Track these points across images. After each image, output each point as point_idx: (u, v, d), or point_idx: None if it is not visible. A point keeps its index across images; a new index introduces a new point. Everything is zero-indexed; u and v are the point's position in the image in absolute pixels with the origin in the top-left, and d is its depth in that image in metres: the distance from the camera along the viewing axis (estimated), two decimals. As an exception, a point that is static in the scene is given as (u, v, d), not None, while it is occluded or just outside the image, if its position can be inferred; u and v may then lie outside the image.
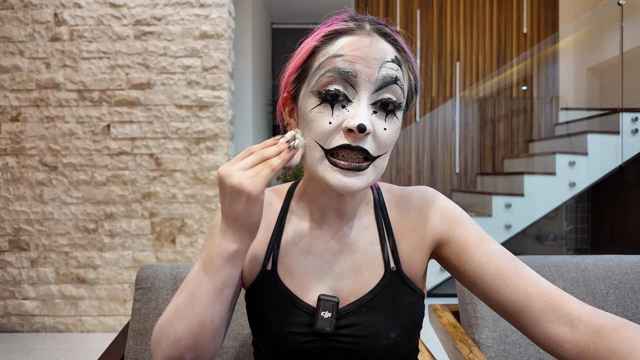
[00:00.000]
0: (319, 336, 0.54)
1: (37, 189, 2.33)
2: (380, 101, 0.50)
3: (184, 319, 0.49)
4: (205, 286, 0.49)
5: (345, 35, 0.50)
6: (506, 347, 0.88)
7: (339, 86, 0.49)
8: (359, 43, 0.49)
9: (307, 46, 0.52)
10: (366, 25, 0.51)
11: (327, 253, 0.58)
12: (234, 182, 0.46)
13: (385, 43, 0.51)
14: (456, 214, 0.58)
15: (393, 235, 0.59)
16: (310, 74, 0.52)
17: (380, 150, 0.51)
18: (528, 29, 3.86)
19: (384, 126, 0.50)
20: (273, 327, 0.55)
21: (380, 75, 0.49)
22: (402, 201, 0.61)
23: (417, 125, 3.84)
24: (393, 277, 0.57)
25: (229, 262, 0.49)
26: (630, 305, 0.90)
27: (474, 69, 3.85)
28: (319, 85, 0.49)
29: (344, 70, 0.48)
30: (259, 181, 0.46)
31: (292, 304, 0.56)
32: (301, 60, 0.52)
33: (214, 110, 2.35)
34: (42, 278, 2.33)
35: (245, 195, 0.46)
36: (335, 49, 0.49)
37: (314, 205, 0.59)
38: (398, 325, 0.55)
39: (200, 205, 2.35)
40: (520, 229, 3.03)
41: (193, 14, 2.34)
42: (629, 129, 2.94)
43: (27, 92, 2.32)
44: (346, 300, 0.56)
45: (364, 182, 0.50)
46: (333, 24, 0.52)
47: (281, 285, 0.57)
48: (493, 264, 0.53)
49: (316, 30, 0.53)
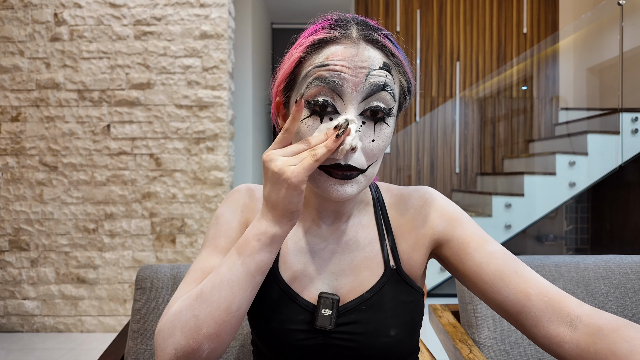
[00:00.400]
0: (319, 333, 0.55)
1: (37, 189, 2.33)
2: (369, 109, 0.50)
3: (209, 304, 0.47)
4: (238, 269, 0.48)
5: (330, 44, 0.49)
6: (506, 347, 0.88)
7: (327, 97, 0.49)
8: (345, 52, 0.48)
9: (293, 56, 0.52)
10: (352, 32, 0.50)
11: (327, 252, 0.59)
12: (275, 168, 0.45)
13: (372, 50, 0.50)
14: (456, 214, 0.58)
15: (392, 234, 0.60)
16: (298, 83, 0.52)
17: (369, 161, 0.51)
18: (528, 29, 3.86)
19: (372, 137, 0.50)
20: (273, 325, 0.55)
21: (367, 84, 0.48)
22: (402, 200, 0.61)
23: (417, 125, 3.84)
24: (393, 275, 0.57)
25: (265, 246, 0.48)
26: (630, 305, 0.90)
27: (474, 69, 3.85)
28: (308, 95, 0.49)
29: (330, 80, 0.48)
30: (301, 170, 0.45)
31: (293, 301, 0.56)
32: (289, 70, 0.52)
33: (214, 110, 2.35)
34: (42, 278, 2.33)
35: (285, 183, 0.45)
36: (321, 58, 0.49)
37: (312, 207, 0.60)
38: (398, 322, 0.55)
39: (200, 205, 2.35)
40: (520, 229, 3.03)
41: (193, 14, 2.34)
42: (629, 129, 2.94)
43: (27, 92, 2.32)
44: (346, 298, 0.57)
45: (355, 189, 0.51)
46: (318, 32, 0.51)
47: (282, 282, 0.58)
48: (492, 264, 0.53)
49: (301, 38, 0.53)
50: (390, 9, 3.84)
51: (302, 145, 0.47)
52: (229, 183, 2.40)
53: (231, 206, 0.62)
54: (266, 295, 0.58)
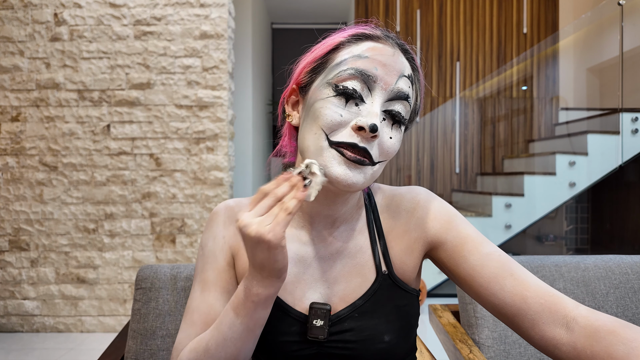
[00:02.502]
0: (312, 344, 0.54)
1: (37, 189, 2.33)
2: (390, 111, 0.51)
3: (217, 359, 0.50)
4: (237, 328, 0.49)
5: (371, 40, 0.52)
6: (506, 347, 0.88)
7: (358, 85, 0.49)
8: (384, 50, 0.51)
9: (332, 40, 0.53)
10: (391, 37, 0.54)
11: (318, 260, 0.58)
12: (252, 233, 0.44)
13: (404, 58, 0.53)
14: (449, 215, 0.57)
15: (384, 239, 0.59)
16: (329, 68, 0.52)
17: (381, 157, 0.51)
18: (528, 29, 3.86)
19: (390, 134, 0.51)
20: (267, 337, 0.55)
21: (397, 87, 0.50)
22: (394, 203, 0.60)
23: (417, 125, 3.84)
24: (385, 281, 0.57)
25: (260, 305, 0.49)
26: (630, 305, 0.90)
27: (474, 69, 3.85)
28: (338, 80, 0.50)
29: (366, 72, 0.49)
30: (278, 229, 0.44)
31: (284, 314, 0.56)
32: (323, 52, 0.53)
33: (214, 110, 2.35)
34: (42, 278, 2.33)
35: (266, 245, 0.44)
36: (360, 49, 0.51)
37: (304, 212, 0.58)
38: (392, 328, 0.55)
39: (200, 205, 2.35)
40: (520, 229, 3.03)
41: (193, 14, 2.34)
42: (629, 129, 2.94)
43: (27, 92, 2.32)
44: (338, 306, 0.56)
45: (362, 180, 0.49)
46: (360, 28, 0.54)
47: None
48: (488, 267, 0.52)
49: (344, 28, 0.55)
50: (390, 9, 3.84)
51: (270, 200, 0.45)
52: (229, 183, 2.40)
53: (211, 234, 0.61)
54: None
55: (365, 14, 3.85)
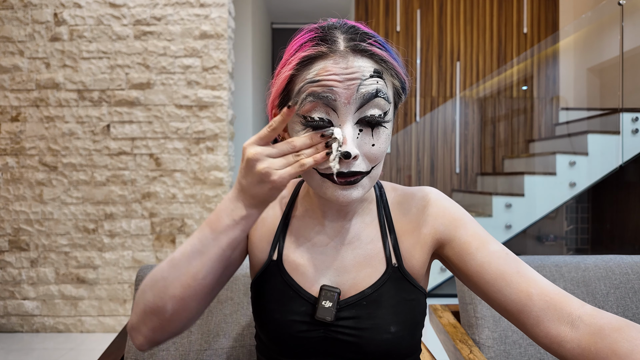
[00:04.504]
0: (319, 326, 0.56)
1: (37, 189, 2.33)
2: (364, 118, 0.50)
3: (178, 269, 0.50)
4: (209, 243, 0.50)
5: (319, 59, 0.49)
6: (506, 347, 0.88)
7: (322, 113, 0.49)
8: (334, 67, 0.48)
9: (283, 74, 0.52)
10: (340, 44, 0.49)
11: (330, 248, 0.60)
12: (261, 168, 0.46)
13: (362, 60, 0.49)
14: (458, 214, 0.59)
15: (395, 233, 0.60)
16: (292, 99, 0.52)
17: (372, 163, 0.52)
18: (528, 29, 3.86)
19: (372, 142, 0.51)
20: (275, 316, 0.57)
21: (359, 95, 0.48)
22: (405, 200, 0.62)
23: (417, 125, 3.83)
24: (395, 273, 0.58)
25: (238, 225, 0.50)
26: (630, 305, 0.90)
27: (474, 69, 3.85)
28: (303, 110, 0.50)
29: (323, 95, 0.48)
30: (287, 176, 0.47)
31: (295, 293, 0.58)
32: (281, 87, 0.53)
33: (214, 110, 2.35)
34: (42, 278, 2.33)
35: (270, 183, 0.47)
36: (311, 74, 0.49)
37: (317, 206, 0.61)
38: (398, 320, 0.56)
39: (200, 206, 2.35)
40: (520, 229, 3.03)
41: (193, 13, 2.34)
42: (629, 129, 2.94)
43: (27, 92, 2.32)
44: (347, 294, 0.58)
45: (361, 192, 0.52)
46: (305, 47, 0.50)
47: (285, 275, 0.59)
48: (494, 264, 0.54)
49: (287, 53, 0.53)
50: (390, 9, 3.84)
51: (287, 146, 0.48)
52: (229, 183, 2.40)
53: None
54: (270, 287, 0.59)
55: (365, 14, 3.85)
